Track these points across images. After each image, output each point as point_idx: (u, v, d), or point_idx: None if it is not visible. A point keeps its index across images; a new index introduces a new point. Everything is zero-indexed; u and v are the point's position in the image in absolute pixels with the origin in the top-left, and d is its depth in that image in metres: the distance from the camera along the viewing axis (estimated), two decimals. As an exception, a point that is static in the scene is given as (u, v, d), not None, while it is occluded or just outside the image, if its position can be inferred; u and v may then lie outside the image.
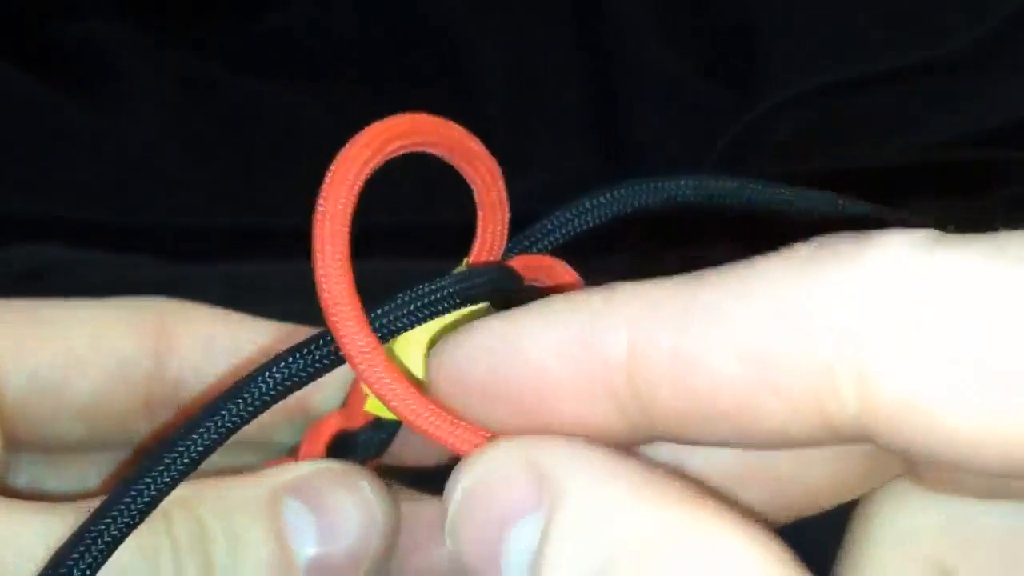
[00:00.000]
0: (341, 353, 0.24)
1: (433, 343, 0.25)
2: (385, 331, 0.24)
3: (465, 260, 0.27)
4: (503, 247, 0.27)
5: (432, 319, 0.25)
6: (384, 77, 0.66)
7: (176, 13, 0.68)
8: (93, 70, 0.65)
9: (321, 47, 0.67)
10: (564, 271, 0.26)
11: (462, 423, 0.23)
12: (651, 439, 0.22)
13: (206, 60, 0.66)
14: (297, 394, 0.25)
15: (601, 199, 0.26)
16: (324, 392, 0.30)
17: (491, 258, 0.27)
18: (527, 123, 0.65)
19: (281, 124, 0.66)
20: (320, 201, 0.23)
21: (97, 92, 0.65)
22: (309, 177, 0.24)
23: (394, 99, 0.65)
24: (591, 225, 0.26)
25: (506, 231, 0.27)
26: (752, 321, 0.20)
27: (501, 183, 0.26)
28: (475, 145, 0.25)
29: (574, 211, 0.26)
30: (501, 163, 0.26)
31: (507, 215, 0.26)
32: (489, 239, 0.27)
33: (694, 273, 0.21)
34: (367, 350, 0.23)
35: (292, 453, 0.30)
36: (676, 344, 0.20)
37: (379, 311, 0.24)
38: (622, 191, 0.25)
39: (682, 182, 0.25)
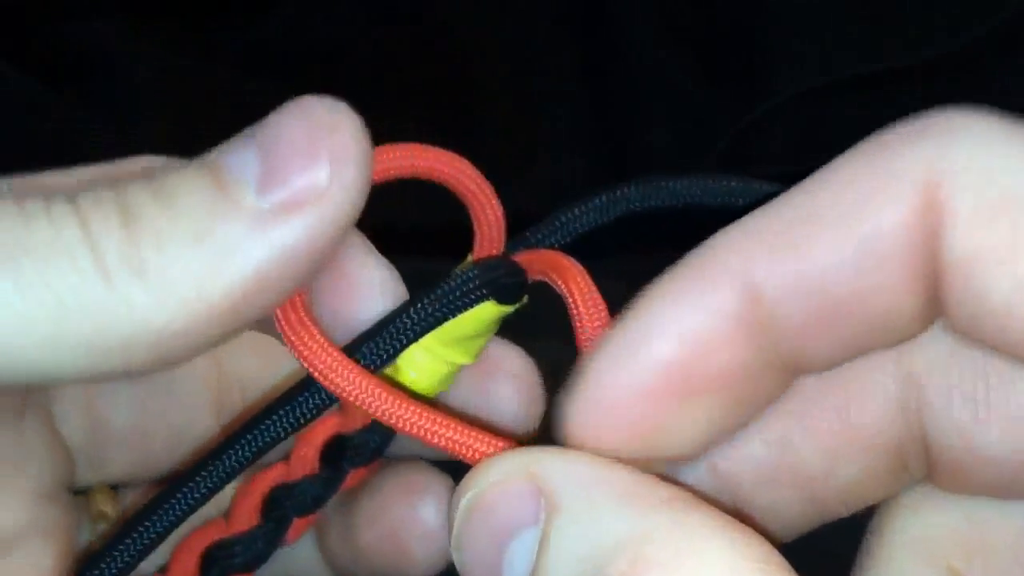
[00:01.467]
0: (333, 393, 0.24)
1: (440, 345, 0.25)
2: (377, 361, 0.25)
3: (468, 256, 0.27)
4: (502, 241, 0.27)
5: (432, 330, 0.25)
6: (388, 79, 0.66)
7: (179, 14, 0.68)
8: (93, 70, 0.65)
9: (326, 50, 0.67)
10: (569, 264, 0.25)
11: (474, 433, 0.23)
12: (784, 370, 0.23)
13: (209, 61, 0.66)
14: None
15: (608, 197, 0.26)
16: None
17: (493, 253, 0.27)
18: (528, 125, 0.65)
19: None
20: None
21: (97, 92, 0.65)
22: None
23: (397, 101, 0.65)
24: (598, 223, 0.26)
25: (501, 223, 0.27)
26: (847, 206, 0.21)
27: (480, 178, 0.26)
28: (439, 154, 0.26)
29: (582, 208, 0.26)
30: (502, 165, 0.26)
31: (499, 210, 0.26)
32: (487, 234, 0.26)
33: (780, 199, 0.22)
34: (365, 386, 0.24)
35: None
36: (791, 267, 0.22)
37: (366, 346, 0.25)
38: (629, 190, 0.25)
39: (689, 182, 0.25)
